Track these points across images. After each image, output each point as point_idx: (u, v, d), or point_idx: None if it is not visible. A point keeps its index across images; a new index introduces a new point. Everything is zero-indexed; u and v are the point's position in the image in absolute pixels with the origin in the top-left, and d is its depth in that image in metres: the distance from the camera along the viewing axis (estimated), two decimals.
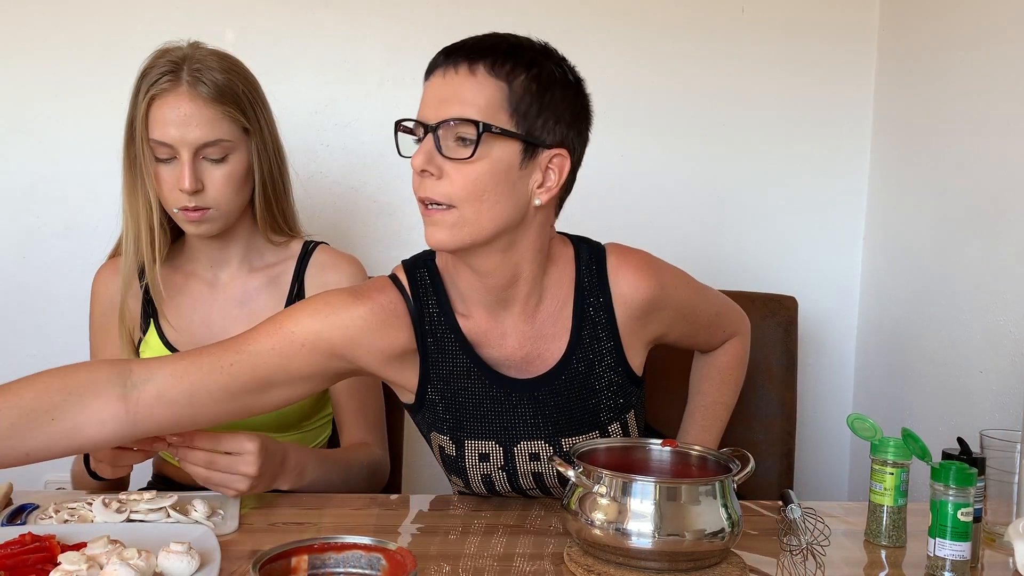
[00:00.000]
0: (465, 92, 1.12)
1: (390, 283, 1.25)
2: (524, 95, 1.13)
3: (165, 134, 1.33)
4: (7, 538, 1.01)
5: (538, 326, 1.25)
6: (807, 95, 2.11)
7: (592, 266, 1.26)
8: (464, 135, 1.11)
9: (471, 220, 1.13)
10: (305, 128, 1.97)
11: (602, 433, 1.29)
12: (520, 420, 1.26)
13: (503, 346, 1.25)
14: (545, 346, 1.25)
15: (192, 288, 1.48)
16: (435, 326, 1.23)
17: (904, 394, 1.96)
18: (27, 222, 1.93)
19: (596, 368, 1.26)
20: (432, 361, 1.24)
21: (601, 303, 1.25)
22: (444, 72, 1.14)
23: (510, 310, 1.23)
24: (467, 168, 1.11)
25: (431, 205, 1.14)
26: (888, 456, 1.18)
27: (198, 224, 1.38)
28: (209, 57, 1.37)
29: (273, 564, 0.86)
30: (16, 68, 1.90)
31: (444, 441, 1.27)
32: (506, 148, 1.12)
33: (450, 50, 1.16)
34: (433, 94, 1.14)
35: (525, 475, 1.28)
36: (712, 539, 1.02)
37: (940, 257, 1.86)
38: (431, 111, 1.13)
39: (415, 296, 1.23)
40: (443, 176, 1.12)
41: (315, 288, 1.47)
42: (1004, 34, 1.69)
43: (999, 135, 1.69)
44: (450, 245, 1.15)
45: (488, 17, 2.00)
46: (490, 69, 1.13)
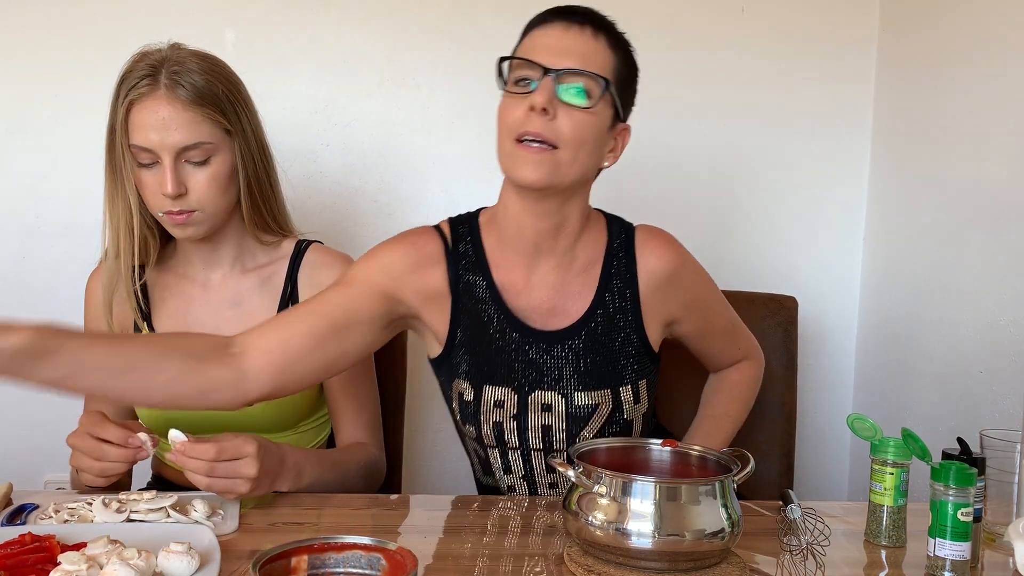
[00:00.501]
0: (589, 51, 1.23)
1: (432, 229, 1.38)
2: (623, 70, 1.27)
3: (145, 139, 1.32)
4: (7, 538, 1.01)
5: (567, 281, 1.34)
6: (807, 95, 2.11)
7: (622, 236, 1.37)
8: (582, 85, 1.22)
9: (565, 164, 1.23)
10: (305, 128, 1.97)
11: (614, 393, 1.35)
12: (537, 370, 1.33)
13: (531, 296, 1.34)
14: (570, 301, 1.34)
15: (184, 290, 1.48)
16: (468, 272, 1.34)
17: (904, 394, 1.96)
18: (27, 222, 1.93)
19: (615, 330, 1.34)
20: (462, 305, 1.34)
21: (626, 270, 1.35)
22: (567, 27, 1.24)
23: (546, 262, 1.33)
24: (581, 116, 1.22)
25: (535, 142, 1.21)
26: (888, 456, 1.18)
27: (184, 227, 1.37)
28: (188, 59, 1.35)
29: (273, 564, 0.86)
30: (16, 68, 1.90)
31: (464, 387, 1.35)
32: (607, 110, 1.26)
33: (568, 10, 1.26)
34: (554, 44, 1.24)
35: (535, 428, 1.34)
36: (712, 539, 1.02)
37: (940, 257, 1.86)
38: (552, 58, 1.22)
39: (454, 242, 1.35)
40: (556, 118, 1.21)
41: (308, 288, 1.46)
42: (1004, 35, 1.69)
43: (999, 135, 1.69)
44: (539, 183, 1.23)
45: (488, 17, 2.00)
46: (608, 39, 1.26)
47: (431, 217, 2.04)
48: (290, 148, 1.62)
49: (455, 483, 2.08)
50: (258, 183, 1.42)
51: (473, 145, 2.03)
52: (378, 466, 1.47)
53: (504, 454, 1.38)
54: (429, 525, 1.24)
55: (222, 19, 1.93)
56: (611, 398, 1.35)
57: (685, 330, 1.44)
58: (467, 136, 2.03)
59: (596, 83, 1.23)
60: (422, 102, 2.01)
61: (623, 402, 1.35)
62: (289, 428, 1.48)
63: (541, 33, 1.26)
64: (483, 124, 2.01)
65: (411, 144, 2.01)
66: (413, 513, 1.30)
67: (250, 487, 1.20)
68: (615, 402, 1.35)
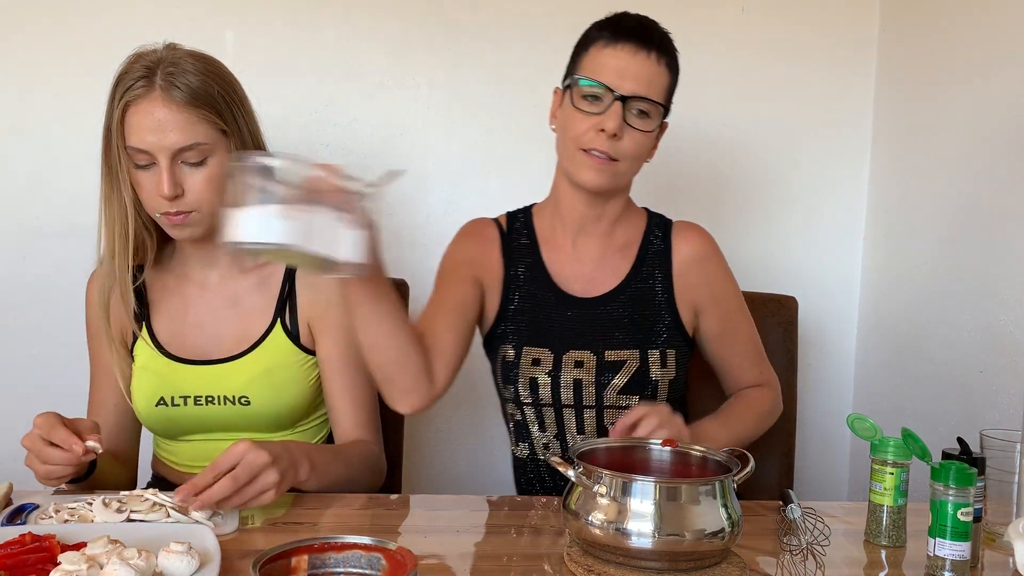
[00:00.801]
0: (654, 76, 1.38)
1: (489, 219, 1.57)
2: (673, 83, 1.44)
3: (141, 140, 1.32)
4: (7, 538, 1.01)
5: (606, 255, 1.51)
6: (807, 95, 2.11)
7: (660, 224, 1.54)
8: (645, 109, 1.38)
9: (622, 173, 1.43)
10: (305, 128, 1.97)
11: (642, 354, 1.46)
12: (572, 332, 1.47)
13: (575, 267, 1.50)
14: (608, 272, 1.50)
15: (183, 290, 1.48)
16: (520, 250, 1.53)
17: (904, 394, 1.96)
18: (27, 222, 1.93)
19: (648, 301, 1.49)
20: (512, 279, 1.52)
21: (662, 252, 1.51)
22: (635, 51, 1.37)
23: (588, 238, 1.51)
24: (640, 136, 1.39)
25: (601, 155, 1.38)
26: (888, 456, 1.18)
27: (181, 228, 1.37)
28: (184, 59, 1.35)
29: (273, 564, 0.86)
30: (16, 68, 1.90)
31: (507, 350, 1.50)
32: (658, 122, 1.42)
33: (636, 31, 1.39)
34: (623, 67, 1.37)
35: (567, 383, 1.46)
36: (712, 539, 1.02)
37: (940, 257, 1.86)
38: (622, 82, 1.37)
39: (509, 228, 1.55)
40: (621, 137, 1.37)
41: (306, 287, 1.47)
42: (1003, 35, 1.69)
43: (999, 135, 1.69)
44: (599, 188, 1.43)
45: (488, 17, 2.00)
46: (668, 62, 1.41)
47: (431, 217, 2.06)
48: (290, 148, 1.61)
49: (455, 483, 2.08)
50: None
51: (473, 145, 2.03)
52: (380, 463, 1.48)
53: (539, 410, 1.49)
54: (429, 525, 1.24)
55: (222, 20, 1.93)
56: (639, 357, 1.46)
57: (708, 326, 1.52)
58: (467, 136, 2.03)
59: (657, 109, 1.40)
60: (422, 102, 2.01)
61: (650, 364, 1.46)
62: (287, 428, 1.48)
63: (612, 54, 1.38)
64: (483, 124, 2.03)
65: (411, 144, 2.01)
66: (413, 513, 1.30)
67: (276, 476, 1.19)
68: (642, 361, 1.46)
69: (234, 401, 1.41)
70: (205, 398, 1.42)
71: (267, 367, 1.43)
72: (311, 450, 1.32)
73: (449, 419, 2.08)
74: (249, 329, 1.45)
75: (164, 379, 1.43)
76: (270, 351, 1.44)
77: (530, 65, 2.02)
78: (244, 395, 1.41)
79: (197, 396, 1.42)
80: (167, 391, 1.42)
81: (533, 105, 2.03)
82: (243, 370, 1.42)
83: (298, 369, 1.45)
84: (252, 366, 1.43)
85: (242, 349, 1.44)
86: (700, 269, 1.51)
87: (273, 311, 1.46)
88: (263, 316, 1.46)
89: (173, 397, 1.42)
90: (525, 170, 2.05)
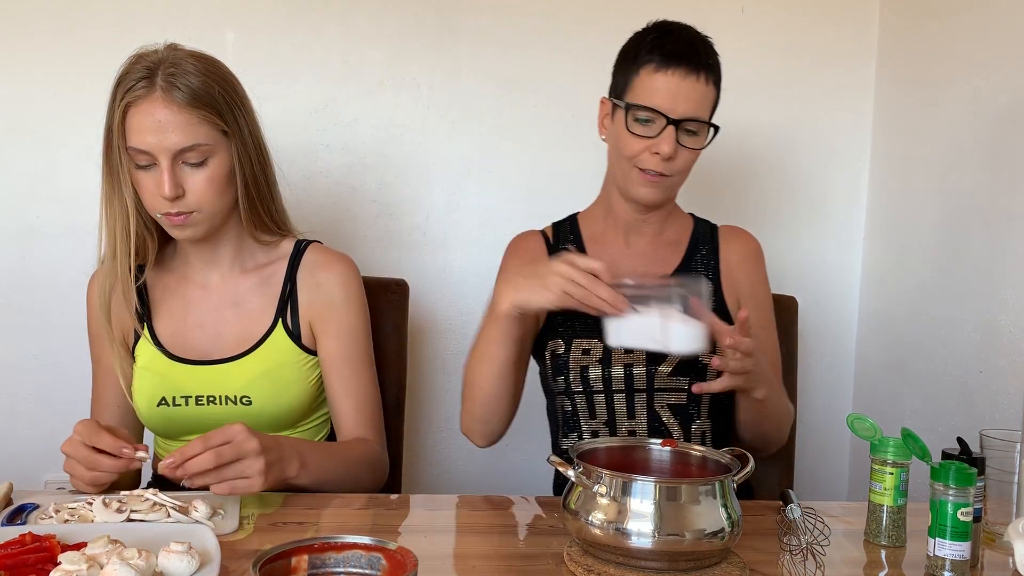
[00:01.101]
0: (703, 97, 1.43)
1: (534, 231, 1.63)
2: (719, 96, 1.49)
3: (142, 141, 1.32)
4: (7, 538, 1.01)
5: (658, 250, 1.56)
6: (806, 95, 2.11)
7: (705, 224, 1.62)
8: (695, 129, 1.44)
9: (676, 185, 1.50)
10: (305, 128, 1.97)
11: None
12: None
13: (626, 265, 1.52)
14: (659, 266, 1.55)
15: (184, 290, 1.48)
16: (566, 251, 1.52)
17: (904, 394, 1.96)
18: (27, 222, 1.93)
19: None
20: None
21: (710, 250, 1.57)
22: (685, 76, 1.41)
23: (642, 236, 1.57)
24: (690, 154, 1.45)
25: (655, 174, 1.44)
26: (888, 456, 1.18)
27: (182, 228, 1.37)
28: (185, 60, 1.34)
29: (273, 564, 0.86)
30: (16, 68, 1.90)
31: (557, 344, 1.53)
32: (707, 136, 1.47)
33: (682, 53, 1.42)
34: (675, 92, 1.42)
35: (618, 370, 1.49)
36: (712, 539, 1.02)
37: (940, 257, 1.86)
38: (674, 106, 1.41)
39: (555, 236, 1.61)
40: (675, 158, 1.43)
41: (307, 288, 1.47)
42: (1003, 34, 1.69)
43: (999, 136, 1.69)
44: (653, 203, 1.50)
45: (488, 17, 2.00)
46: (715, 79, 1.46)
47: (431, 217, 2.06)
48: (290, 148, 1.62)
49: (455, 483, 2.08)
50: (255, 183, 1.42)
51: (473, 145, 2.03)
52: (381, 462, 1.48)
53: (589, 398, 1.51)
54: (429, 525, 1.24)
55: (222, 20, 1.93)
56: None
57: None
58: (467, 136, 2.03)
59: (706, 127, 1.45)
60: (422, 102, 2.01)
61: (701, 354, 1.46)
62: (288, 428, 1.48)
63: (664, 79, 1.42)
64: (483, 124, 2.03)
65: (411, 144, 2.02)
66: (413, 513, 1.30)
67: (261, 464, 1.20)
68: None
69: (235, 401, 1.42)
70: (207, 398, 1.42)
71: (268, 367, 1.43)
72: (304, 447, 1.32)
73: (449, 419, 2.08)
74: (250, 329, 1.45)
75: (165, 379, 1.43)
76: (271, 351, 1.44)
77: (530, 65, 2.02)
78: (245, 395, 1.42)
79: (199, 396, 1.42)
80: (168, 391, 1.42)
81: (533, 105, 2.04)
82: (244, 370, 1.43)
83: (299, 369, 1.45)
84: (253, 366, 1.43)
85: (243, 349, 1.44)
86: (744, 267, 1.58)
87: (274, 311, 1.46)
88: (264, 316, 1.46)
89: (174, 397, 1.42)
90: (525, 170, 2.05)
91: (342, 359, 1.47)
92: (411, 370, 1.79)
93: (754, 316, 1.53)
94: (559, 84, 2.03)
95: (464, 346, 2.06)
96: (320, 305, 1.47)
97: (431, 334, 2.06)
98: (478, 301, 2.06)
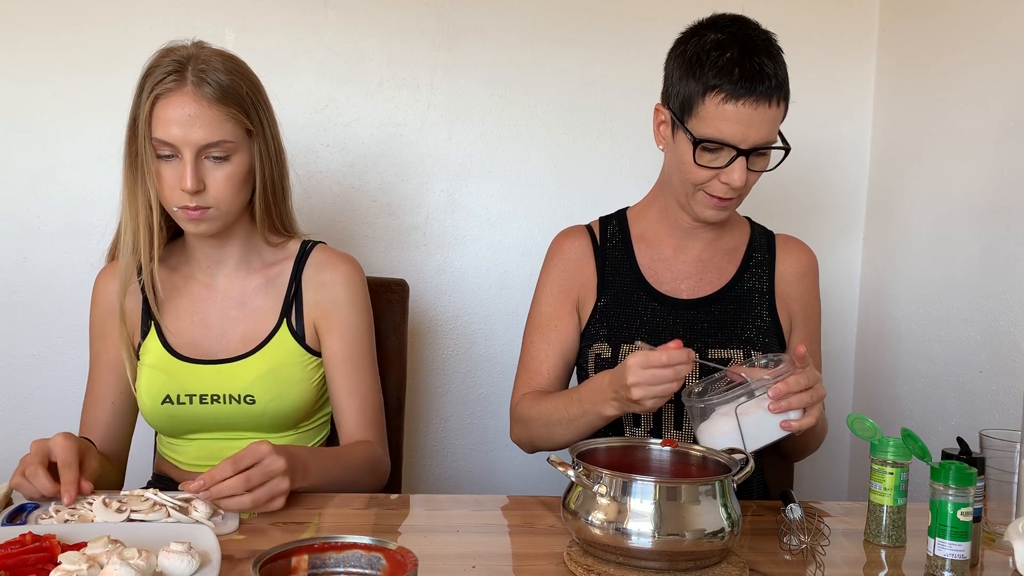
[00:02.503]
0: (774, 121, 1.37)
1: (579, 226, 1.58)
2: (788, 108, 1.41)
3: (168, 133, 1.33)
4: (7, 538, 1.01)
5: (715, 256, 1.53)
6: (806, 95, 2.10)
7: (762, 231, 1.58)
8: (765, 152, 1.38)
9: (739, 203, 1.44)
10: (305, 128, 1.97)
11: (745, 354, 1.46)
12: (672, 332, 1.47)
13: (680, 268, 1.51)
14: (716, 274, 1.52)
15: (190, 289, 1.48)
16: (614, 253, 1.54)
17: (904, 394, 1.96)
18: (27, 222, 1.93)
19: (751, 304, 1.50)
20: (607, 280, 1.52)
21: (767, 260, 1.54)
22: (757, 106, 1.34)
23: (698, 241, 1.52)
24: (757, 175, 1.40)
25: (724, 199, 1.40)
26: (888, 456, 1.18)
27: (198, 223, 1.38)
28: (214, 57, 1.37)
29: (273, 564, 0.86)
30: (16, 68, 1.90)
31: (602, 348, 1.49)
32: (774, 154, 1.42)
33: (752, 80, 1.33)
34: (748, 125, 1.34)
35: None
36: (712, 539, 1.02)
37: (940, 257, 1.86)
38: (744, 135, 1.34)
39: (601, 234, 1.56)
40: (745, 184, 1.38)
41: (313, 288, 1.47)
42: (1003, 34, 1.69)
43: (999, 135, 1.69)
44: (724, 219, 1.46)
45: (488, 17, 2.00)
46: (782, 96, 1.37)
47: (431, 217, 2.06)
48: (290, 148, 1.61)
49: (455, 483, 2.08)
50: (272, 184, 1.43)
51: (473, 145, 2.03)
52: (382, 464, 1.48)
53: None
54: (429, 525, 1.24)
55: (222, 19, 1.93)
56: (742, 357, 1.46)
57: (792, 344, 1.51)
58: (467, 136, 2.03)
59: (780, 151, 1.40)
60: (422, 102, 2.01)
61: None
62: (291, 428, 1.48)
63: (735, 112, 1.33)
64: (483, 124, 2.03)
65: (411, 144, 2.02)
66: (413, 513, 1.30)
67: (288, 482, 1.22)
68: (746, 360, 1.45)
69: (239, 400, 1.42)
70: (211, 397, 1.42)
71: (272, 367, 1.43)
72: (307, 456, 1.33)
73: (449, 419, 2.08)
74: (255, 329, 1.46)
75: (171, 377, 1.43)
76: (276, 351, 1.44)
77: (530, 65, 2.02)
78: (249, 394, 1.42)
79: (203, 395, 1.42)
80: (173, 389, 1.42)
81: (533, 105, 2.04)
82: (248, 369, 1.43)
83: (303, 369, 1.46)
84: (258, 366, 1.43)
85: (248, 349, 1.44)
86: (800, 283, 1.54)
87: (279, 311, 1.46)
88: (270, 316, 1.46)
89: (179, 395, 1.42)
90: (525, 170, 2.05)
91: (346, 359, 1.47)
92: (411, 370, 1.79)
93: (806, 333, 1.54)
94: (559, 84, 2.03)
95: (464, 345, 2.07)
96: (325, 305, 1.47)
97: (431, 334, 2.06)
98: (478, 301, 2.06)
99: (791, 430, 1.21)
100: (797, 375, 1.21)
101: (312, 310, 1.47)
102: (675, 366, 1.20)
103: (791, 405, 1.20)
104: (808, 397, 1.21)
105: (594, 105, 2.04)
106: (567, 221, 1.65)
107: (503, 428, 1.61)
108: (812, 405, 1.22)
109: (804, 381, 1.20)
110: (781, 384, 1.20)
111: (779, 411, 1.21)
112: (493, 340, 2.06)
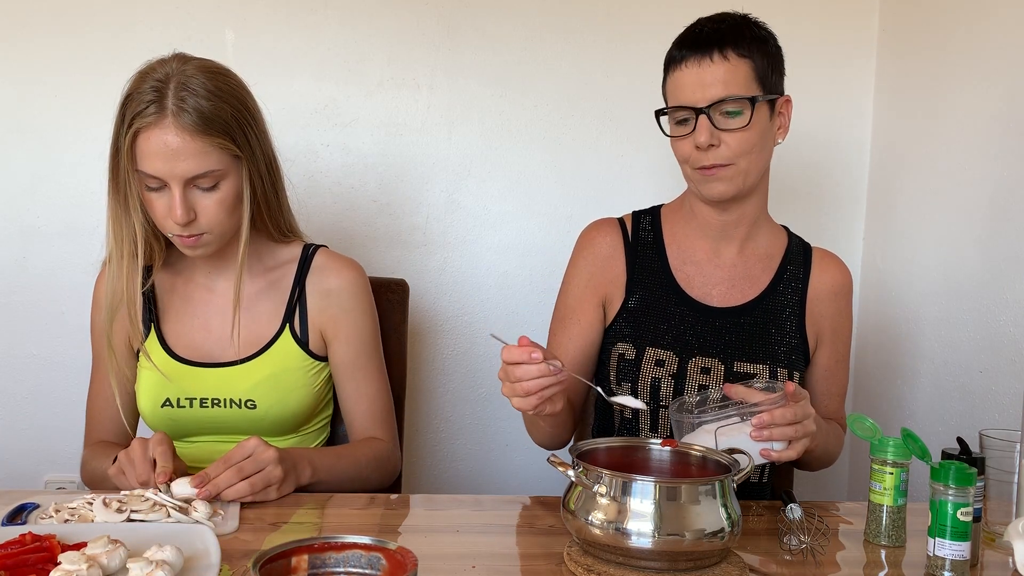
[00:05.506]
0: (727, 75, 1.35)
1: (611, 219, 1.54)
2: (762, 63, 1.38)
3: (153, 167, 1.29)
4: (7, 538, 1.01)
5: (749, 263, 1.50)
6: (806, 95, 2.10)
7: (799, 242, 1.55)
8: (732, 109, 1.35)
9: (743, 171, 1.39)
10: (305, 128, 1.97)
11: (771, 371, 1.44)
12: (702, 338, 1.46)
13: (712, 273, 1.49)
14: (749, 283, 1.49)
15: (192, 293, 1.48)
16: (645, 252, 1.51)
17: (904, 394, 1.96)
18: (27, 222, 1.93)
19: (780, 319, 1.48)
20: (636, 279, 1.49)
21: (802, 274, 1.51)
22: (699, 62, 1.35)
23: (729, 245, 1.49)
24: (740, 136, 1.36)
25: (710, 168, 1.37)
26: (888, 456, 1.18)
27: (194, 248, 1.37)
28: (195, 77, 1.30)
29: (273, 564, 0.86)
30: (16, 68, 1.90)
31: (627, 348, 1.47)
32: (762, 109, 1.38)
33: (692, 42, 1.37)
34: (694, 82, 1.35)
35: (691, 390, 1.44)
36: (712, 539, 1.02)
37: (940, 257, 1.86)
38: (698, 94, 1.35)
39: (633, 229, 1.52)
40: (721, 143, 1.35)
41: (316, 292, 1.47)
42: (1004, 34, 1.69)
43: (999, 135, 1.69)
44: (729, 193, 1.40)
45: (488, 17, 2.00)
46: (737, 51, 1.35)
47: (431, 217, 2.06)
48: (290, 148, 1.61)
49: (455, 483, 2.08)
50: (265, 199, 1.41)
51: (473, 145, 2.03)
52: (392, 460, 1.48)
53: (655, 411, 1.45)
54: (429, 525, 1.24)
55: (222, 19, 1.93)
56: (768, 372, 1.45)
57: (819, 359, 1.52)
58: (467, 136, 2.03)
59: (743, 102, 1.35)
60: (422, 102, 2.01)
61: (779, 379, 1.44)
62: (292, 432, 1.48)
63: (681, 73, 1.37)
64: (483, 124, 2.03)
65: (411, 144, 2.01)
66: (413, 513, 1.30)
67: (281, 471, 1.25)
68: (771, 376, 1.44)
69: (240, 404, 1.41)
70: (211, 400, 1.42)
71: (274, 371, 1.43)
72: (312, 454, 1.34)
73: (449, 419, 2.08)
74: (257, 333, 1.45)
75: (171, 380, 1.43)
76: (278, 356, 1.44)
77: (530, 65, 2.02)
78: (250, 399, 1.41)
79: (203, 398, 1.42)
80: (173, 392, 1.42)
81: (533, 105, 2.04)
82: (250, 374, 1.43)
83: (305, 374, 1.45)
84: (259, 370, 1.43)
85: (250, 353, 1.44)
86: (833, 302, 1.52)
87: (282, 316, 1.46)
88: (272, 321, 1.46)
89: (179, 398, 1.42)
90: (525, 169, 2.05)
91: (353, 364, 1.47)
92: (411, 370, 1.79)
93: (833, 351, 1.52)
94: (559, 84, 2.03)
95: (464, 345, 2.07)
96: (331, 312, 1.47)
97: (431, 334, 2.06)
98: (478, 301, 2.06)
99: (770, 459, 1.21)
100: (784, 409, 1.20)
101: (318, 316, 1.47)
102: (519, 364, 1.16)
103: (772, 436, 1.20)
104: (792, 431, 1.21)
105: (594, 105, 2.04)
106: (567, 221, 1.65)
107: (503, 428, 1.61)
108: (797, 440, 1.22)
109: (791, 415, 1.20)
110: (766, 415, 1.19)
111: (760, 440, 1.20)
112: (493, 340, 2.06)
